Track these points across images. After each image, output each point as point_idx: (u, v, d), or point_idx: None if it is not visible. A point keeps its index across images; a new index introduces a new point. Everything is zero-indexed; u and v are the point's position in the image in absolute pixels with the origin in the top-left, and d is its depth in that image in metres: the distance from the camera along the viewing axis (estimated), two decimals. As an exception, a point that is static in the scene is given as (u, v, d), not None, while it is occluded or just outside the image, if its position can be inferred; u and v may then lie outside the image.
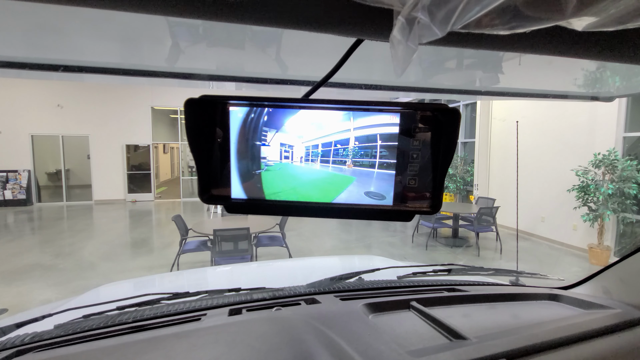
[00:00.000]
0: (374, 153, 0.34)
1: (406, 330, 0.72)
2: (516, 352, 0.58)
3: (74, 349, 0.64)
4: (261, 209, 0.36)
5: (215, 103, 0.32)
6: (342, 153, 0.35)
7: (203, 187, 0.34)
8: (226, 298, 0.89)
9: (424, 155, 0.33)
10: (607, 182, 5.19)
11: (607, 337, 0.65)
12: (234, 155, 0.34)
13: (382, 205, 0.35)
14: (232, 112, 0.32)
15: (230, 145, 0.33)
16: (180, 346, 0.59)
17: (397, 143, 0.33)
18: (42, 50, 0.65)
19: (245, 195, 0.35)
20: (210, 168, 0.34)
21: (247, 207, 0.36)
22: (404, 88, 0.99)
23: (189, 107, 0.31)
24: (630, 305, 0.79)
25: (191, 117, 0.31)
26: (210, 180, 0.34)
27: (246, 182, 0.35)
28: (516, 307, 0.83)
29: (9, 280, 4.34)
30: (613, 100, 1.19)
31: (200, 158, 0.33)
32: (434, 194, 0.34)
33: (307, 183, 0.35)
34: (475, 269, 1.09)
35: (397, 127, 0.33)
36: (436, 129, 0.32)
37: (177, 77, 0.75)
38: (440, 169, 0.33)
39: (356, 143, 0.35)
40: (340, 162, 0.35)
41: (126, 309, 0.85)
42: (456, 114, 0.30)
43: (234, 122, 0.33)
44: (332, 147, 0.35)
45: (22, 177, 10.54)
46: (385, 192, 0.35)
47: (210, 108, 0.32)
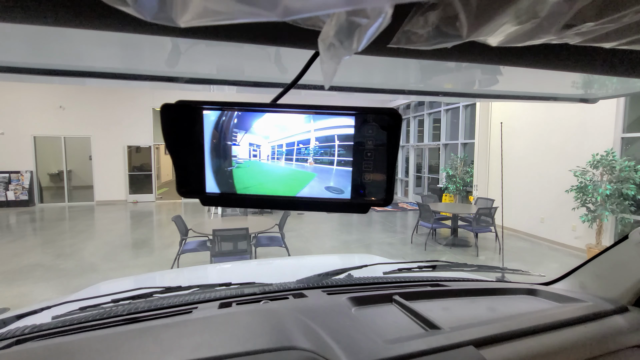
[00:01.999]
0: (333, 152, 0.38)
1: (386, 321, 0.76)
2: (483, 340, 0.62)
3: (69, 338, 0.67)
4: (233, 202, 0.40)
5: (190, 107, 0.36)
6: (304, 152, 0.39)
7: (180, 183, 0.38)
8: (217, 292, 0.93)
9: (375, 153, 0.36)
10: (605, 182, 5.20)
11: (575, 327, 0.69)
12: (208, 153, 0.38)
13: (341, 199, 0.39)
14: (205, 115, 0.36)
15: (204, 144, 0.37)
16: (168, 334, 0.63)
17: (353, 143, 0.37)
18: (44, 55, 0.69)
19: (218, 190, 0.39)
20: (186, 165, 0.38)
21: (220, 200, 0.39)
22: (404, 91, 1.02)
23: (165, 111, 0.35)
24: (603, 298, 0.82)
25: (168, 121, 0.35)
26: (187, 177, 0.38)
27: (219, 178, 0.39)
28: (494, 300, 0.87)
29: (10, 280, 4.39)
30: (597, 102, 1.23)
31: (177, 157, 0.37)
32: (386, 188, 0.38)
33: (274, 179, 0.39)
34: (459, 265, 1.13)
35: (352, 129, 0.36)
36: (383, 130, 0.35)
37: (179, 81, 0.78)
38: (389, 166, 0.36)
39: (317, 143, 0.38)
40: (303, 160, 0.39)
41: (121, 302, 0.88)
42: (397, 116, 0.34)
43: (207, 124, 0.36)
44: (295, 147, 0.38)
45: (24, 178, 10.62)
46: (343, 187, 0.39)
47: (185, 112, 0.36)
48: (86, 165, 11.57)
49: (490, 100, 1.10)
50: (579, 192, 5.42)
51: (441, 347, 0.59)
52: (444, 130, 10.47)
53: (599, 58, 0.33)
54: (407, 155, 12.92)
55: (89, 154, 11.45)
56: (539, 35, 0.22)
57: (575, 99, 1.22)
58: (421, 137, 12.00)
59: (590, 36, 0.24)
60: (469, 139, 9.33)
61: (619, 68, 0.36)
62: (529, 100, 1.22)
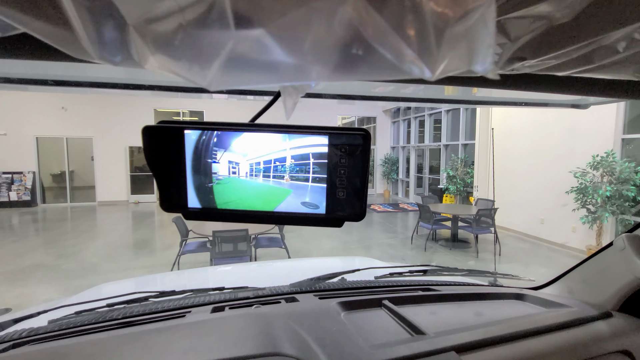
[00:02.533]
0: (308, 169, 0.40)
1: (374, 326, 0.77)
2: (465, 346, 0.63)
3: (64, 342, 0.69)
4: (214, 216, 0.42)
5: (172, 128, 0.37)
6: (280, 169, 0.40)
7: (163, 198, 0.40)
8: (211, 296, 0.95)
9: (348, 171, 0.38)
10: (605, 184, 5.20)
11: (557, 333, 0.70)
12: (190, 171, 0.40)
13: (316, 214, 0.41)
14: (186, 135, 0.38)
15: (186, 162, 0.39)
16: (159, 338, 0.65)
17: (327, 161, 0.39)
18: (45, 67, 0.70)
19: (200, 205, 0.41)
20: (169, 182, 0.40)
21: (202, 214, 0.41)
22: (404, 99, 1.04)
23: (147, 132, 0.36)
24: (588, 304, 0.83)
25: (150, 141, 0.37)
26: (170, 192, 0.40)
27: (200, 194, 0.41)
28: (482, 305, 0.88)
29: (12, 280, 4.43)
30: (588, 108, 1.25)
31: (160, 175, 0.39)
32: (359, 203, 0.39)
33: (252, 194, 0.41)
34: (450, 270, 1.14)
35: (326, 147, 0.38)
36: (354, 149, 0.37)
37: (178, 90, 0.79)
38: (361, 183, 0.38)
39: (292, 160, 0.40)
40: (280, 177, 0.41)
41: (116, 306, 0.90)
42: (367, 136, 0.35)
43: (188, 143, 0.38)
44: (272, 164, 0.40)
45: (27, 178, 10.69)
46: (318, 202, 0.40)
47: (167, 132, 0.37)
48: (88, 166, 11.63)
49: (487, 106, 1.12)
50: (579, 194, 5.41)
51: (423, 353, 0.61)
52: (444, 131, 10.47)
53: (557, 83, 0.35)
54: (408, 155, 12.92)
55: (91, 154, 11.52)
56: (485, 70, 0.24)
57: (567, 104, 1.24)
58: (422, 137, 12.00)
59: (537, 69, 0.26)
60: (469, 139, 9.33)
61: (576, 89, 0.37)
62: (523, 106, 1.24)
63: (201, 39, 0.12)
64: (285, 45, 0.11)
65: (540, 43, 0.22)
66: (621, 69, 0.28)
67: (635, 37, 0.21)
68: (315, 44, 0.11)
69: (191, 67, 0.13)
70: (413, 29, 0.11)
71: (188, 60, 0.13)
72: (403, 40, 0.11)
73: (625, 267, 0.77)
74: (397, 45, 0.11)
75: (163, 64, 0.15)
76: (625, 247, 0.77)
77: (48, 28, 0.16)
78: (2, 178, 10.47)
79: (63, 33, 0.17)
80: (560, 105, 1.24)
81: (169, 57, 0.14)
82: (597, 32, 0.21)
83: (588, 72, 0.28)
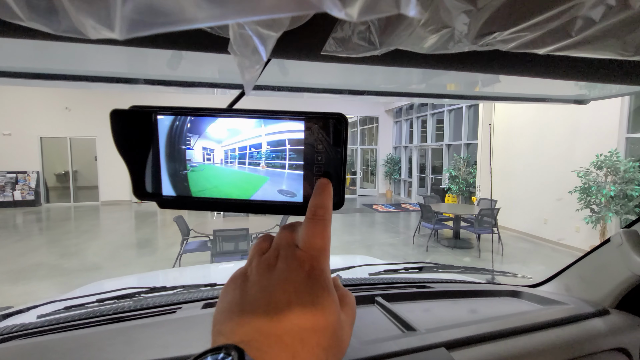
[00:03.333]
0: (284, 156, 0.39)
1: (366, 323, 0.76)
2: (456, 342, 0.62)
3: (52, 337, 0.69)
4: (189, 204, 0.40)
5: (143, 112, 0.36)
6: (256, 156, 0.39)
7: (136, 186, 0.39)
8: (202, 292, 0.94)
9: (325, 157, 0.37)
10: (609, 183, 5.14)
11: (551, 330, 0.68)
12: (163, 157, 0.38)
13: (293, 202, 0.39)
14: (159, 120, 0.37)
15: (159, 149, 0.38)
16: (144, 334, 0.64)
17: (303, 147, 0.37)
18: (48, 60, 0.69)
19: (174, 193, 0.40)
20: (142, 169, 0.39)
21: (177, 203, 0.40)
22: (406, 94, 1.03)
23: (116, 116, 0.35)
24: (585, 301, 0.81)
25: (119, 126, 0.36)
26: (143, 180, 0.39)
27: (174, 181, 0.40)
28: (477, 302, 0.87)
29: (15, 279, 4.46)
30: (589, 103, 1.23)
31: (131, 161, 0.38)
32: (337, 191, 0.38)
33: (228, 182, 0.40)
34: (445, 267, 1.13)
35: (302, 133, 0.37)
36: (332, 134, 0.36)
37: (182, 85, 0.78)
38: (338, 169, 0.37)
39: (268, 147, 0.39)
40: (255, 164, 0.40)
41: (106, 302, 0.90)
42: (344, 120, 0.34)
43: (161, 129, 0.37)
44: (248, 151, 0.39)
45: (31, 178, 10.77)
46: (295, 190, 0.39)
47: (138, 117, 0.36)
48: (91, 166, 11.70)
49: (487, 102, 1.11)
50: (582, 193, 5.36)
51: (413, 349, 0.60)
52: (447, 131, 10.42)
53: (538, 63, 0.34)
54: (410, 155, 12.88)
55: (95, 154, 11.59)
56: (458, 43, 0.23)
57: (569, 100, 1.22)
58: (424, 137, 11.96)
59: (512, 44, 0.25)
60: (472, 139, 9.28)
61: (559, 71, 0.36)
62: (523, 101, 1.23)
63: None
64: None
65: (510, 12, 0.21)
66: (604, 46, 0.26)
67: (608, 2, 0.20)
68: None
69: (100, 14, 0.12)
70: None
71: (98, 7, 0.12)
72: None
73: (622, 263, 0.76)
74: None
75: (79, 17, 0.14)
76: (622, 243, 0.75)
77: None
78: (6, 178, 10.56)
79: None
80: (560, 101, 1.22)
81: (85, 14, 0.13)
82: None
83: (568, 48, 0.27)
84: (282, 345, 0.22)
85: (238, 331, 0.24)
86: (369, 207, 10.86)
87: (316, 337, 0.23)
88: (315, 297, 0.25)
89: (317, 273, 0.26)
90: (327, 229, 0.29)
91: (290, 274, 0.26)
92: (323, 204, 0.30)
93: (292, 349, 0.22)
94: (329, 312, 0.25)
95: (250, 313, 0.24)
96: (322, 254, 0.27)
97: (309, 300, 0.25)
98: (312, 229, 0.28)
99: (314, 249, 0.27)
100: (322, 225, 0.29)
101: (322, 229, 0.28)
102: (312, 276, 0.26)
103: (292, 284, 0.25)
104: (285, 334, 0.23)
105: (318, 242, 0.28)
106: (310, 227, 0.29)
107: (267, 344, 0.22)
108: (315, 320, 0.24)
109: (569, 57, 0.33)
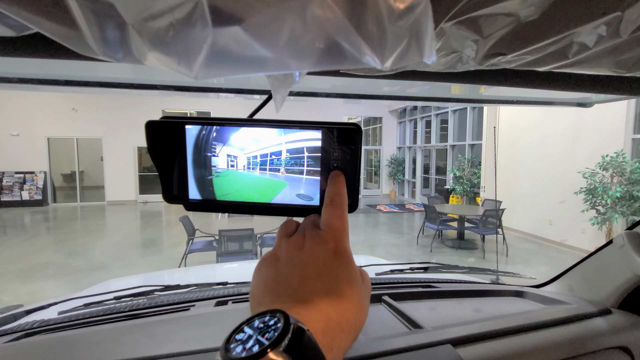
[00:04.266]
0: (302, 162, 0.42)
1: (374, 321, 0.79)
2: (462, 339, 0.64)
3: (73, 332, 0.72)
4: (213, 207, 0.44)
5: (173, 123, 0.40)
6: (276, 162, 0.42)
7: (165, 190, 0.42)
8: (214, 291, 0.97)
9: (340, 164, 0.40)
10: (615, 184, 5.12)
11: (554, 328, 0.71)
12: (190, 164, 0.42)
13: (311, 205, 0.42)
14: (187, 129, 0.40)
15: (187, 156, 0.41)
16: (162, 328, 0.67)
17: (320, 154, 0.40)
18: (56, 67, 0.73)
19: (200, 197, 0.43)
20: (171, 175, 0.42)
21: (202, 206, 0.43)
22: (410, 97, 1.05)
23: (150, 127, 0.39)
24: (587, 301, 0.83)
25: (153, 135, 0.39)
26: (171, 185, 0.42)
27: (200, 186, 0.43)
28: (482, 302, 0.89)
29: (23, 278, 4.53)
30: (592, 106, 1.25)
31: (162, 167, 0.41)
32: (352, 195, 0.41)
33: (250, 187, 0.43)
34: (450, 267, 1.15)
35: (320, 142, 0.40)
36: (347, 143, 0.39)
37: (182, 90, 0.81)
38: (353, 175, 0.40)
39: (287, 154, 0.42)
40: (275, 170, 0.43)
41: (123, 299, 0.93)
42: (358, 130, 0.37)
43: (189, 138, 0.40)
44: (269, 158, 0.42)
45: (38, 178, 10.91)
46: (312, 194, 0.42)
47: (169, 127, 0.40)
48: (98, 166, 11.83)
49: (492, 105, 1.13)
50: (588, 194, 5.33)
51: (419, 345, 0.62)
52: (451, 131, 10.40)
53: (539, 77, 0.36)
54: (415, 156, 12.86)
55: (101, 155, 11.71)
56: (465, 64, 0.25)
57: (572, 103, 1.24)
58: (429, 138, 11.94)
59: (515, 64, 0.27)
60: (476, 140, 9.26)
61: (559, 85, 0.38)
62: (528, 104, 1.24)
63: (187, 36, 0.14)
64: (260, 40, 0.13)
65: (512, 39, 0.24)
66: (598, 65, 0.29)
67: (600, 33, 0.22)
68: (288, 38, 0.13)
69: (180, 61, 0.15)
70: (366, 26, 0.12)
71: (178, 55, 0.15)
72: (360, 35, 0.12)
73: (624, 264, 0.78)
74: (355, 40, 0.12)
75: (159, 59, 0.17)
76: (624, 244, 0.77)
77: (57, 28, 0.18)
78: (14, 178, 10.70)
79: (70, 32, 0.19)
80: (565, 104, 1.24)
81: (163, 53, 0.16)
82: (564, 29, 0.22)
83: (566, 67, 0.29)
84: (317, 309, 0.25)
85: (277, 300, 0.27)
86: (372, 207, 10.87)
87: (345, 304, 0.27)
88: (342, 271, 0.28)
89: (340, 250, 0.30)
90: (344, 213, 0.33)
91: (317, 251, 0.29)
92: (339, 192, 0.34)
93: (326, 313, 0.25)
94: (354, 283, 0.29)
95: (286, 286, 0.28)
96: (343, 234, 0.31)
97: (336, 273, 0.28)
98: (332, 213, 0.32)
99: (336, 230, 0.31)
100: (340, 209, 0.32)
101: (341, 212, 0.32)
102: (337, 252, 0.29)
103: (320, 259, 0.29)
104: (320, 301, 0.26)
105: (338, 223, 0.31)
106: (330, 211, 0.32)
107: (305, 308, 0.25)
108: (343, 289, 0.27)
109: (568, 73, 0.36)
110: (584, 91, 0.41)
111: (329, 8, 0.12)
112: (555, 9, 0.21)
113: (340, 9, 0.12)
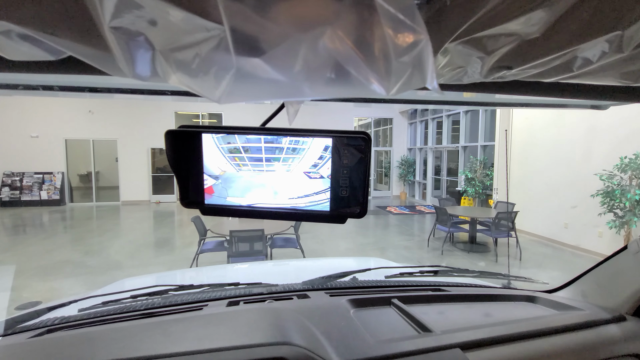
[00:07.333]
0: (314, 169, 0.43)
1: (382, 323, 0.80)
2: (471, 344, 0.64)
3: (92, 329, 0.75)
4: (228, 212, 0.45)
5: (191, 132, 0.42)
6: (288, 170, 0.44)
7: (183, 195, 0.44)
8: (226, 291, 0.99)
9: (350, 171, 0.41)
10: (634, 187, 4.97)
11: (566, 334, 0.70)
12: (205, 170, 0.44)
13: (321, 211, 0.44)
14: (203, 137, 0.42)
15: (202, 162, 0.43)
16: (177, 327, 0.69)
17: (331, 161, 0.42)
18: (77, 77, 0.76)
19: (215, 202, 0.45)
20: (188, 181, 0.44)
21: (217, 210, 0.45)
22: (421, 101, 1.05)
23: (169, 135, 0.41)
24: (601, 307, 0.82)
25: (172, 143, 0.41)
26: (188, 190, 0.44)
27: (215, 192, 0.45)
28: (492, 306, 0.89)
29: (43, 275, 4.68)
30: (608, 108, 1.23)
31: (180, 173, 0.43)
32: (361, 201, 0.42)
33: (261, 192, 0.45)
34: (461, 271, 1.14)
35: (330, 149, 0.41)
36: (356, 151, 0.40)
37: (199, 95, 0.84)
38: (362, 182, 0.41)
39: (299, 162, 0.43)
40: (287, 177, 0.44)
41: (139, 298, 0.96)
42: (367, 138, 0.38)
43: (205, 145, 0.42)
44: (281, 165, 0.44)
45: (56, 178, 11.24)
46: (323, 201, 0.44)
47: (186, 136, 0.42)
48: (113, 167, 12.11)
49: (506, 108, 1.12)
50: (605, 197, 5.19)
51: (429, 349, 0.63)
52: (463, 132, 10.27)
53: (546, 87, 0.37)
54: (425, 157, 12.74)
55: (116, 156, 11.99)
56: (470, 77, 0.26)
57: (587, 105, 1.22)
58: (440, 139, 11.81)
59: (520, 77, 0.28)
60: (488, 141, 9.11)
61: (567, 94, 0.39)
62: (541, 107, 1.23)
63: (212, 64, 0.15)
64: (277, 68, 0.14)
65: (516, 55, 0.25)
66: (604, 76, 0.30)
67: (603, 49, 0.23)
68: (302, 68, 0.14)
69: (204, 85, 0.17)
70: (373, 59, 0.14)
71: (202, 79, 0.16)
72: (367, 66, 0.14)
73: (639, 270, 0.76)
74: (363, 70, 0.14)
75: (182, 81, 0.18)
76: (639, 250, 0.76)
77: (93, 52, 0.20)
78: (34, 178, 11.05)
79: (104, 56, 0.21)
80: (579, 107, 1.22)
81: (187, 76, 0.17)
82: (567, 45, 0.23)
83: (572, 79, 0.30)
84: None
85: None
86: (382, 209, 10.81)
87: None
88: None
89: None
90: None
91: None
92: None
93: None
94: None
95: None
96: None
97: None
98: None
99: None
100: None
101: None
102: None
103: None
104: None
105: None
106: None
107: None
108: None
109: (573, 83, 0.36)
110: (593, 99, 0.41)
111: (339, 41, 0.13)
112: (557, 28, 0.22)
113: (351, 43, 0.13)
